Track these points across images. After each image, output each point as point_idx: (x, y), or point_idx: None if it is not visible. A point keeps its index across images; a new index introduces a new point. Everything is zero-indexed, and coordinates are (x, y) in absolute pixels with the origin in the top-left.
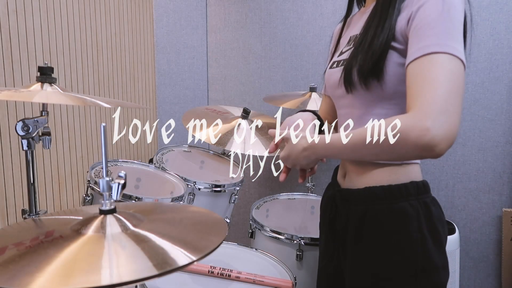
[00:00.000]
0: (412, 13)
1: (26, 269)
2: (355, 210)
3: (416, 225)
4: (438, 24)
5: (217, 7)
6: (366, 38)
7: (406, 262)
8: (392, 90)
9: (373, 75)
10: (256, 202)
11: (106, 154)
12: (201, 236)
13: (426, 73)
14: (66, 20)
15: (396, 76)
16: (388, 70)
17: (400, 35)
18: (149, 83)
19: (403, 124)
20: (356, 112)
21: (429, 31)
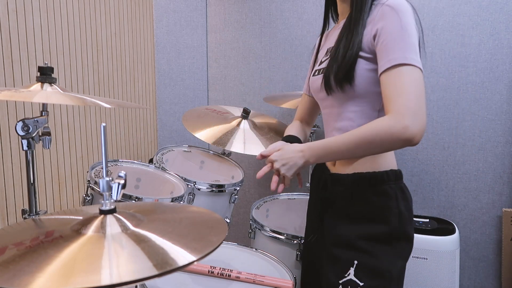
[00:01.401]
0: (377, 30)
1: (26, 269)
2: (344, 190)
3: (395, 203)
4: (400, 40)
5: (217, 7)
6: (339, 50)
7: (385, 230)
8: (363, 90)
9: (346, 80)
10: (256, 202)
11: (106, 154)
12: (201, 236)
13: (397, 82)
14: (66, 20)
15: (365, 79)
16: (358, 75)
17: (367, 47)
18: (149, 83)
19: (387, 125)
20: (336, 110)
21: (394, 46)
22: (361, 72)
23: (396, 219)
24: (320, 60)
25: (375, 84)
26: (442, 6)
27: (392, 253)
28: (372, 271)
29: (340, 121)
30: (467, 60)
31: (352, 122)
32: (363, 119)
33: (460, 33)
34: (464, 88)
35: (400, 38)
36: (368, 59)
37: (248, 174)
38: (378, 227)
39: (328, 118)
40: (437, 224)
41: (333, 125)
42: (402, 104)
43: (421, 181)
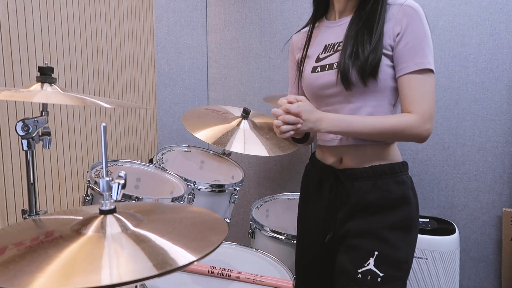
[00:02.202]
0: (401, 29)
1: (26, 269)
2: (361, 184)
3: (411, 192)
4: (426, 44)
5: (217, 7)
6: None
7: (407, 218)
8: (384, 85)
9: (372, 76)
10: (256, 202)
11: (106, 154)
12: (201, 236)
13: (424, 86)
14: (66, 20)
15: (387, 74)
16: (381, 70)
17: (388, 44)
18: (149, 83)
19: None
20: (352, 106)
21: (421, 50)
22: (383, 67)
23: (414, 208)
24: (317, 56)
25: (393, 80)
26: (442, 6)
27: (409, 242)
28: (392, 261)
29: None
30: (467, 60)
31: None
32: (381, 113)
33: (460, 33)
34: (464, 88)
35: (425, 43)
36: (388, 56)
37: (248, 174)
38: (399, 216)
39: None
40: (437, 224)
41: None
42: (427, 108)
43: (421, 181)
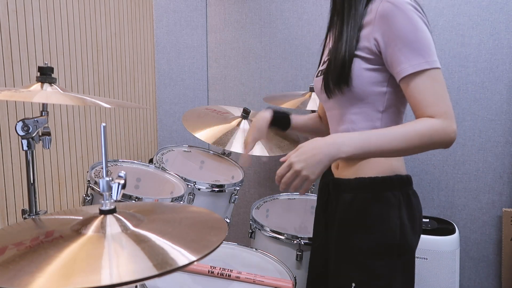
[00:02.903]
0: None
1: (26, 269)
2: (344, 196)
3: (397, 213)
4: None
5: (217, 7)
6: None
7: (386, 242)
8: (362, 91)
9: (343, 81)
10: (256, 202)
11: (106, 154)
12: (201, 236)
13: (431, 87)
14: (66, 20)
15: (363, 79)
16: (355, 75)
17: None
18: (149, 83)
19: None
20: (337, 113)
21: (412, 51)
22: (359, 72)
23: (396, 231)
24: (323, 60)
25: (376, 84)
26: (442, 6)
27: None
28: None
29: (342, 124)
30: (467, 60)
31: (354, 125)
32: (365, 121)
33: (460, 33)
34: (464, 88)
35: (416, 40)
36: (367, 60)
37: (248, 174)
38: (377, 239)
39: (331, 121)
40: (437, 224)
41: (336, 128)
42: (446, 109)
43: (421, 181)
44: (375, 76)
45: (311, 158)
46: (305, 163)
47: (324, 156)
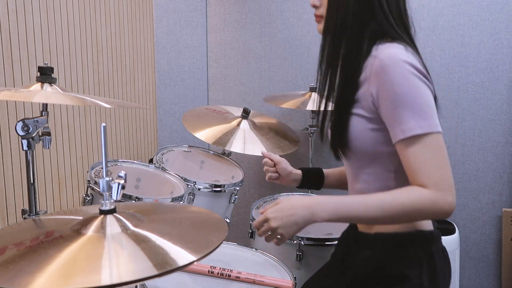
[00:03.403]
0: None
1: (26, 269)
2: (362, 251)
3: (417, 272)
4: (406, 106)
5: (217, 7)
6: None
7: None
8: (369, 152)
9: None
10: (256, 202)
11: (106, 154)
12: (201, 236)
13: (423, 154)
14: (66, 20)
15: (368, 139)
16: (356, 136)
17: (366, 106)
18: (149, 83)
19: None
20: (351, 172)
21: (402, 114)
22: (362, 132)
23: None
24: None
25: (382, 144)
26: (442, 6)
27: None
28: None
29: (357, 183)
30: (467, 60)
31: (368, 185)
32: (378, 181)
33: (460, 33)
34: (464, 88)
35: (409, 102)
36: (369, 119)
37: (248, 174)
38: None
39: (348, 177)
40: (437, 224)
41: (352, 186)
42: (439, 178)
43: None
44: (380, 135)
45: (287, 217)
46: (281, 221)
47: (300, 219)
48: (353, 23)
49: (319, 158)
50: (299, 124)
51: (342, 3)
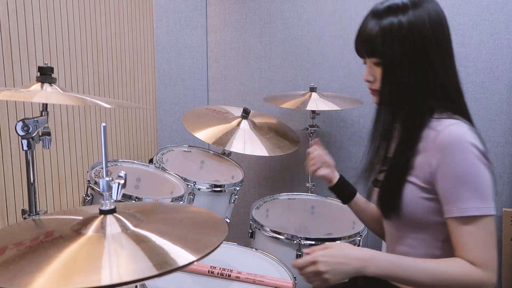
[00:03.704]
0: (435, 167)
1: (26, 269)
2: None
3: None
4: (469, 185)
5: (217, 7)
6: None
7: None
8: (419, 220)
9: (392, 211)
10: (256, 202)
11: (106, 154)
12: (201, 236)
13: (476, 235)
14: (66, 20)
15: (420, 208)
16: (409, 204)
17: (422, 177)
18: (149, 83)
19: (480, 280)
20: (395, 233)
21: (463, 195)
22: (414, 200)
23: None
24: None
25: (435, 214)
26: (442, 6)
27: None
28: None
29: (399, 245)
30: (467, 60)
31: (413, 250)
32: (424, 248)
33: (460, 33)
34: (464, 88)
35: (470, 183)
36: (423, 189)
37: (248, 174)
38: None
39: (389, 237)
40: None
41: (392, 247)
42: (488, 260)
43: None
44: (432, 205)
45: (338, 265)
46: (330, 267)
47: (351, 269)
48: (408, 97)
49: None
50: (299, 124)
51: (396, 78)
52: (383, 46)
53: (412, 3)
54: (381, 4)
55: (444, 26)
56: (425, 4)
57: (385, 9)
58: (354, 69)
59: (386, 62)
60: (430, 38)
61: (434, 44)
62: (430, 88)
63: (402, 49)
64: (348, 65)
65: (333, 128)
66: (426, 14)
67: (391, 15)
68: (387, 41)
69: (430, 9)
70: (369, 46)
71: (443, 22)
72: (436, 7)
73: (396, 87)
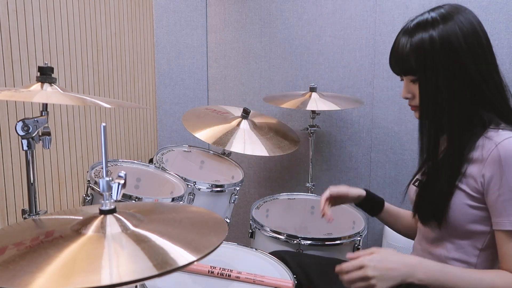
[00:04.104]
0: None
1: (26, 269)
2: None
3: None
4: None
5: (217, 7)
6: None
7: None
8: (461, 227)
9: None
10: (256, 202)
11: (106, 154)
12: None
13: None
14: (66, 20)
15: (464, 216)
16: (455, 211)
17: (472, 186)
18: (149, 83)
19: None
20: (431, 235)
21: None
22: (460, 207)
23: None
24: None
25: (478, 223)
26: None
27: None
28: None
29: (435, 247)
30: None
31: (448, 254)
32: (461, 253)
33: None
34: None
35: None
36: (471, 197)
37: (248, 174)
38: None
39: (423, 237)
40: None
41: (425, 247)
42: None
43: None
44: (478, 214)
45: (386, 270)
46: (379, 273)
47: (399, 275)
48: (450, 109)
49: (319, 158)
50: (299, 124)
51: (433, 93)
52: (416, 63)
53: (442, 17)
54: (411, 21)
55: (479, 35)
56: (456, 16)
57: (415, 26)
58: (354, 69)
59: (422, 78)
60: (463, 50)
61: (468, 55)
62: (473, 99)
63: (435, 65)
64: (348, 65)
65: (333, 128)
66: (458, 26)
67: (421, 31)
68: (420, 57)
69: (462, 21)
70: (403, 64)
71: (478, 32)
72: (469, 16)
73: (435, 102)
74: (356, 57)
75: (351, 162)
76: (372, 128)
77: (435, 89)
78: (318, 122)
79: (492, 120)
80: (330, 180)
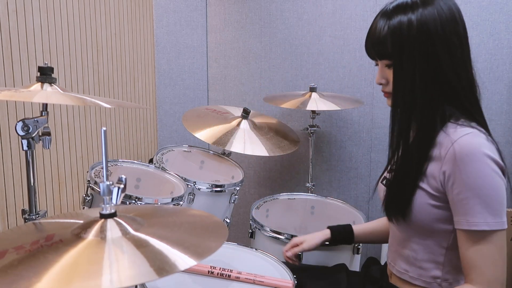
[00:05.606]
0: (446, 175)
1: (25, 274)
2: None
3: None
4: (481, 198)
5: (217, 7)
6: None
7: None
8: (425, 226)
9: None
10: (256, 202)
11: (107, 157)
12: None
13: (483, 250)
14: (66, 20)
15: (427, 215)
16: (418, 210)
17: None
18: (149, 83)
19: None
20: (399, 235)
21: (472, 208)
22: (423, 207)
23: None
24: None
25: (442, 222)
26: None
27: None
28: None
29: (403, 248)
30: None
31: (415, 254)
32: (427, 253)
33: None
34: None
35: (478, 197)
36: (432, 196)
37: (248, 174)
38: None
39: (394, 239)
40: None
41: (396, 248)
42: (493, 277)
43: None
44: (440, 213)
45: None
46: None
47: None
48: (421, 99)
49: (319, 158)
50: (299, 124)
51: (408, 79)
52: (393, 46)
53: (422, 0)
54: (390, 3)
55: (457, 23)
56: (436, 1)
57: (394, 8)
58: (354, 69)
59: (397, 63)
60: (439, 36)
61: (444, 43)
62: (442, 90)
63: (412, 50)
64: (348, 65)
65: (333, 128)
66: (437, 12)
67: (400, 13)
68: (397, 41)
69: (442, 6)
70: (379, 48)
71: (456, 19)
72: (450, 3)
73: (409, 89)
74: (356, 57)
75: (351, 162)
76: (372, 128)
77: (409, 75)
78: (318, 122)
79: (453, 115)
80: (330, 180)
